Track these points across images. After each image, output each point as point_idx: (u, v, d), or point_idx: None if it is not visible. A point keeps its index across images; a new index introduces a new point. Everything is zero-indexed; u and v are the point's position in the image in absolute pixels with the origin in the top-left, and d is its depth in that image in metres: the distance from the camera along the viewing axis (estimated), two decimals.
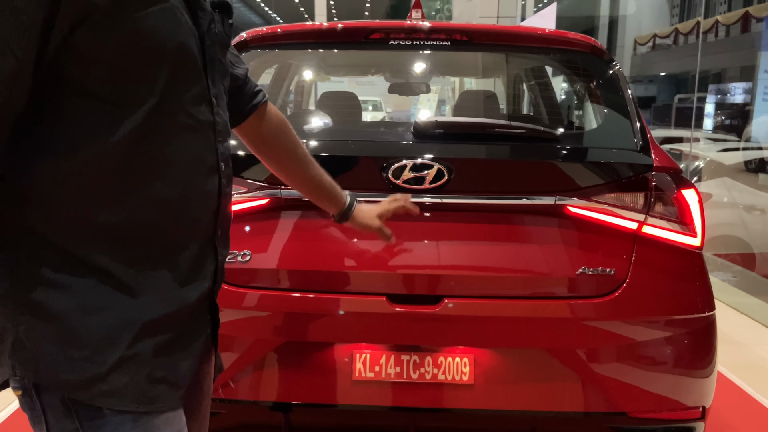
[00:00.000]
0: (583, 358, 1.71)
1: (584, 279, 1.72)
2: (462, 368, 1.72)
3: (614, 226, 1.76)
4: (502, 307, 1.71)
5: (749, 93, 19.69)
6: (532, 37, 2.08)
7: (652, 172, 1.80)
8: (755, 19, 19.63)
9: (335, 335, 1.74)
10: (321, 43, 2.12)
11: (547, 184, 1.76)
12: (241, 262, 1.74)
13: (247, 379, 1.74)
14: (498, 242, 1.76)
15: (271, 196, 1.75)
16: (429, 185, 1.72)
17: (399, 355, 1.73)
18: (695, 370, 1.80)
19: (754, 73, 14.65)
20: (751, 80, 18.27)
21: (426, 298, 1.71)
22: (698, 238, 1.82)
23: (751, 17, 20.62)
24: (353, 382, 1.73)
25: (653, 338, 1.74)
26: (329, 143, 1.85)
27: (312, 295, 1.72)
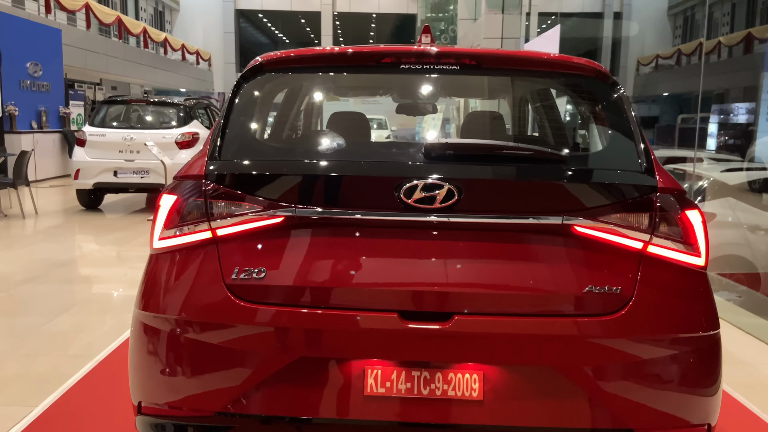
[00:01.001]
0: (590, 375, 1.74)
1: (591, 297, 1.76)
2: (471, 384, 1.75)
3: (620, 246, 1.80)
4: (510, 324, 1.74)
5: (752, 113, 19.76)
6: (538, 62, 2.14)
7: (656, 193, 1.85)
8: (758, 40, 19.72)
9: (347, 351, 1.77)
10: (333, 67, 2.18)
11: (555, 204, 1.81)
12: (256, 279, 1.79)
13: (261, 394, 1.78)
14: (507, 260, 1.80)
15: (285, 215, 1.80)
16: (440, 204, 1.77)
17: (410, 371, 1.76)
18: (701, 388, 1.83)
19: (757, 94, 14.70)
20: (754, 100, 18.34)
21: (437, 315, 1.75)
22: (702, 257, 1.86)
23: (753, 38, 20.71)
24: (365, 397, 1.76)
25: (659, 356, 1.78)
26: (343, 164, 1.91)
27: (325, 312, 1.77)
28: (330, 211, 1.80)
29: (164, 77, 25.24)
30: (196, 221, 1.85)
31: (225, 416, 1.80)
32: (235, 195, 1.85)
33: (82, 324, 4.29)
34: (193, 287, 1.83)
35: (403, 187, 1.77)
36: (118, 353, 3.60)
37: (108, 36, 21.39)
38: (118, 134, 8.98)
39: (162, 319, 1.84)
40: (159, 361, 1.85)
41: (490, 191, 1.82)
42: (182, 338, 1.82)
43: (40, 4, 16.63)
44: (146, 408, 1.89)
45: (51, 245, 7.15)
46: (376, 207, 1.80)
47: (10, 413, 2.85)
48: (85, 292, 5.32)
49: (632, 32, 25.65)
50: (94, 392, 3.08)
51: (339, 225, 1.81)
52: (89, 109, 16.91)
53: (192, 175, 1.91)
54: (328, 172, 1.86)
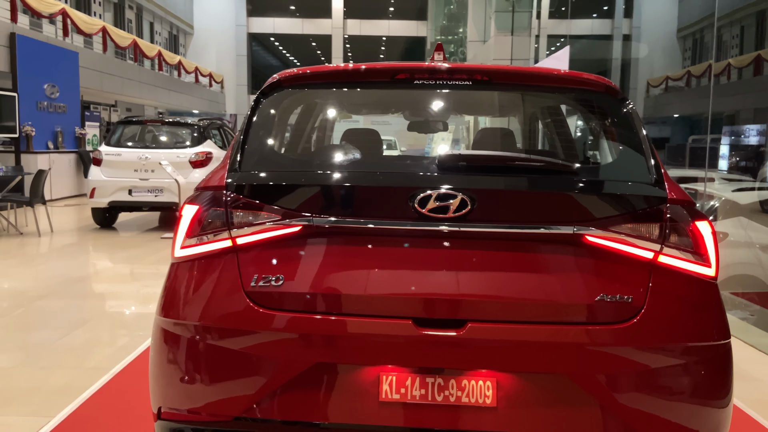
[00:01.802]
0: (601, 384, 1.77)
1: (602, 306, 1.79)
2: (485, 391, 1.78)
3: (631, 255, 1.83)
4: (523, 331, 1.78)
5: (763, 135, 19.74)
6: (549, 78, 2.20)
7: (666, 204, 1.88)
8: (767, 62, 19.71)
9: (363, 357, 1.81)
10: (349, 83, 2.25)
11: (566, 215, 1.85)
12: (275, 286, 1.84)
13: (278, 400, 1.81)
14: (519, 269, 1.84)
15: (303, 224, 1.85)
16: (453, 214, 1.81)
17: (424, 378, 1.79)
18: (712, 398, 1.84)
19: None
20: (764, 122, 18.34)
21: (450, 322, 1.78)
22: (713, 268, 1.89)
23: (763, 60, 20.73)
24: (380, 403, 1.79)
25: (670, 365, 1.80)
26: (359, 174, 1.96)
27: (341, 318, 1.80)
28: (346, 221, 1.85)
29: (178, 99, 25.61)
30: (216, 230, 1.91)
31: (243, 421, 1.84)
32: (254, 205, 1.90)
33: (97, 338, 4.34)
34: (213, 294, 1.88)
35: (418, 197, 1.82)
36: (132, 367, 3.65)
37: (124, 59, 21.78)
38: (134, 154, 9.13)
39: (182, 325, 1.89)
40: (179, 366, 1.90)
41: (503, 201, 1.87)
42: (202, 344, 1.87)
43: (57, 28, 17.00)
44: (166, 413, 1.93)
45: (66, 262, 7.24)
46: (391, 216, 1.84)
47: (26, 424, 2.90)
48: (99, 307, 5.38)
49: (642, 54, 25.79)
50: (109, 404, 3.12)
51: (355, 234, 1.86)
52: (104, 131, 17.17)
53: (213, 185, 1.97)
54: (344, 183, 1.91)
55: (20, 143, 12.90)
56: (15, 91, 12.92)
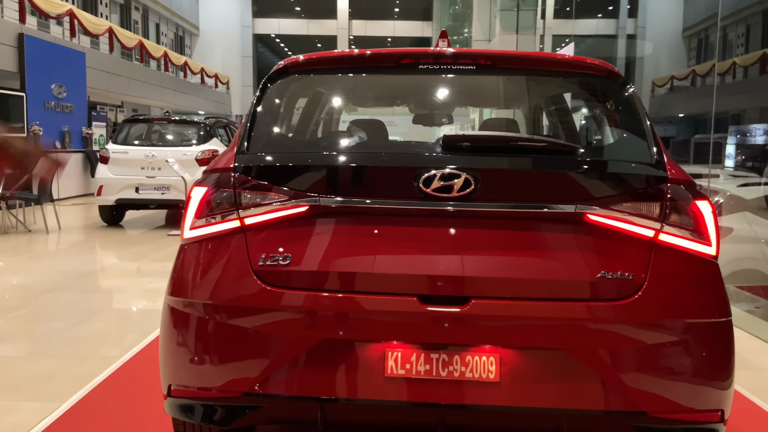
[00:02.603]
0: (603, 359, 1.80)
1: (604, 283, 1.82)
2: (488, 366, 1.81)
3: (632, 234, 1.86)
4: (526, 307, 1.81)
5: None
6: (552, 62, 2.23)
7: (667, 184, 1.91)
8: None
9: (369, 333, 1.84)
10: (354, 68, 2.29)
11: (568, 194, 1.88)
12: (282, 264, 1.87)
13: (286, 375, 1.85)
14: (522, 247, 1.87)
15: (310, 204, 1.89)
16: (457, 193, 1.85)
17: (429, 354, 1.82)
18: (714, 373, 1.87)
19: None
20: None
21: (454, 299, 1.82)
22: (713, 247, 1.91)
23: None
24: (385, 378, 1.83)
25: (671, 341, 1.82)
26: (365, 155, 2.00)
27: (347, 296, 1.84)
28: (352, 200, 1.89)
29: (184, 100, 25.73)
30: (225, 211, 1.95)
31: (252, 396, 1.87)
32: (262, 186, 1.94)
33: (105, 330, 4.39)
34: (222, 274, 1.92)
35: (422, 177, 1.85)
36: (141, 356, 3.69)
37: (130, 59, 21.90)
38: (140, 152, 9.19)
39: (192, 304, 1.92)
40: (188, 345, 1.93)
41: (506, 181, 1.90)
42: (211, 322, 1.90)
43: (64, 28, 17.12)
44: (176, 390, 1.96)
45: (74, 258, 7.30)
46: (397, 196, 1.88)
47: (38, 409, 2.94)
48: (107, 301, 5.43)
49: (646, 53, 25.74)
50: (118, 390, 3.16)
51: (361, 213, 1.90)
52: (111, 131, 17.27)
53: (221, 168, 2.01)
54: (350, 163, 1.95)
55: (28, 143, 12.98)
56: (23, 91, 13.02)
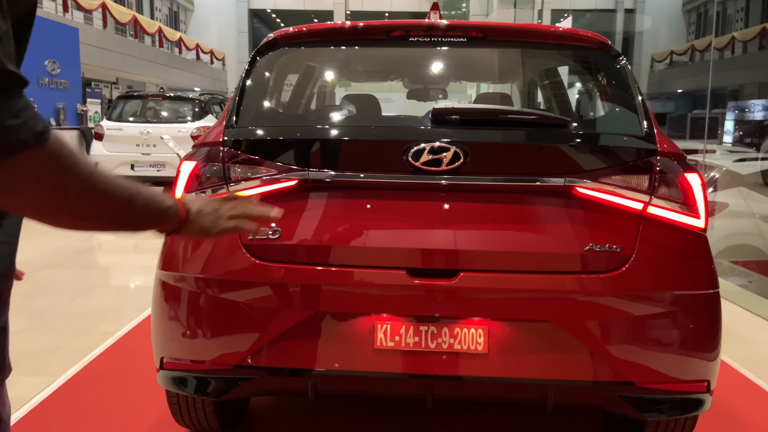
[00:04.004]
0: (591, 330, 1.81)
1: (592, 255, 1.83)
2: (477, 338, 1.83)
3: (620, 206, 1.87)
4: (514, 280, 1.82)
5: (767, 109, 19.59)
6: (544, 34, 2.22)
7: (656, 157, 1.91)
8: None
9: (359, 306, 1.86)
10: (344, 41, 2.27)
11: (557, 167, 1.88)
12: (272, 238, 1.88)
13: (277, 348, 1.86)
14: (510, 220, 1.87)
15: (299, 178, 1.89)
16: (446, 167, 1.85)
17: (418, 326, 1.84)
18: (700, 345, 1.89)
19: None
20: None
21: (443, 272, 1.83)
22: (702, 219, 1.92)
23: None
24: (375, 350, 1.84)
25: (659, 312, 1.84)
26: (354, 129, 1.99)
27: (337, 269, 1.85)
28: (341, 174, 1.89)
29: (179, 76, 25.51)
30: (214, 185, 1.95)
31: (243, 369, 1.89)
32: (251, 160, 1.94)
33: (104, 305, 4.41)
34: (212, 248, 1.92)
35: (411, 150, 1.85)
36: (138, 329, 3.72)
37: (124, 35, 21.66)
38: (135, 128, 9.14)
39: (182, 278, 1.93)
40: (179, 318, 1.95)
41: (495, 154, 1.90)
42: (202, 296, 1.91)
43: (57, 3, 16.90)
44: (168, 363, 1.98)
45: (69, 235, 7.30)
46: (386, 170, 1.88)
47: (38, 383, 2.97)
48: (103, 277, 5.45)
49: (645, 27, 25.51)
50: (113, 365, 3.19)
51: (350, 187, 1.90)
52: (106, 108, 17.16)
53: (210, 141, 2.00)
54: (340, 137, 1.95)
55: None
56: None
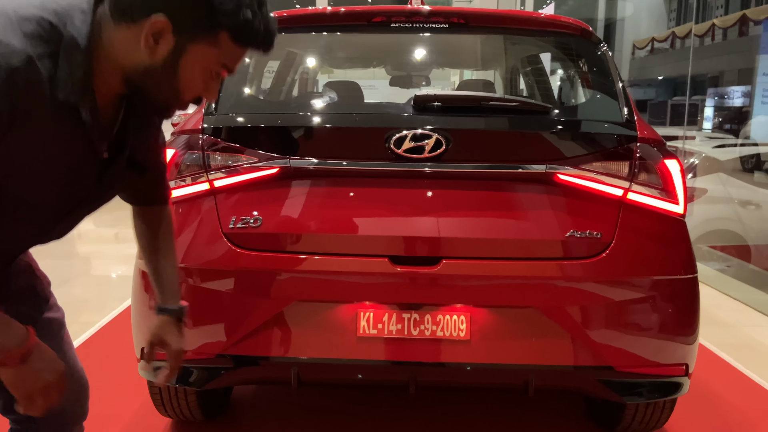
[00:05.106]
0: (571, 316, 1.83)
1: (573, 241, 1.84)
2: (459, 325, 1.84)
3: (601, 193, 1.88)
4: (495, 267, 1.83)
5: (747, 96, 19.80)
6: (525, 20, 2.21)
7: (636, 143, 1.92)
8: (753, 22, 19.67)
9: (341, 295, 1.86)
10: (325, 27, 2.24)
11: (538, 154, 1.88)
12: (253, 227, 1.87)
13: (260, 337, 1.86)
14: (492, 207, 1.88)
15: (280, 166, 1.87)
16: (428, 154, 1.84)
17: (400, 314, 1.85)
18: (679, 329, 1.92)
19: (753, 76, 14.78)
20: (748, 83, 18.41)
21: (425, 260, 1.83)
22: (680, 205, 1.94)
23: (748, 20, 20.67)
24: (358, 338, 1.85)
25: (638, 297, 1.86)
26: (335, 116, 1.98)
27: (319, 258, 1.84)
28: (323, 162, 1.88)
29: None
30: (194, 173, 1.93)
31: (226, 358, 1.89)
32: (231, 147, 1.92)
33: (83, 295, 4.37)
34: (193, 236, 1.91)
35: (393, 138, 1.84)
36: (119, 320, 3.69)
37: None
38: None
39: None
40: None
41: (477, 141, 1.90)
42: (182, 285, 1.89)
43: None
44: None
45: None
46: (367, 157, 1.87)
47: None
48: (84, 266, 5.39)
49: (627, 13, 25.58)
50: (93, 354, 3.16)
51: (331, 175, 1.89)
52: None
53: (189, 129, 1.98)
54: (321, 124, 1.93)
55: None
56: None
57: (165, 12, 1.01)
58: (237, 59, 1.13)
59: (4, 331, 1.06)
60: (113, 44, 1.05)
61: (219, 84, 1.18)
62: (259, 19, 1.07)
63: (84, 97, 1.04)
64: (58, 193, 1.15)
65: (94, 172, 1.17)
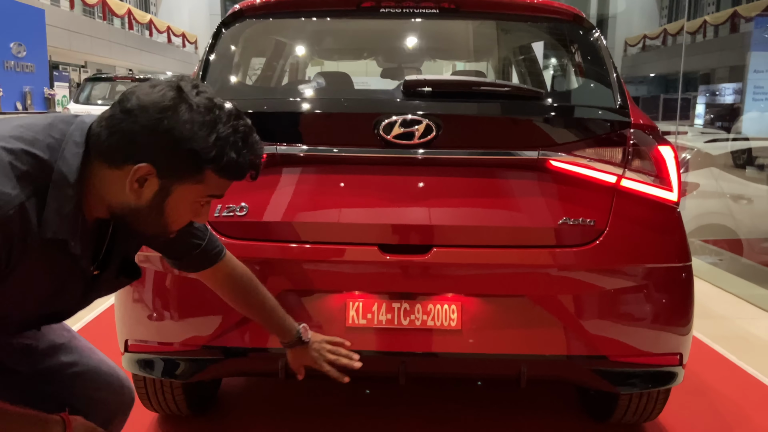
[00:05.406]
0: (564, 305, 1.80)
1: (565, 229, 1.81)
2: (450, 315, 1.80)
3: (594, 180, 1.84)
4: (487, 255, 1.79)
5: (738, 93, 19.85)
6: (517, 6, 2.17)
7: (630, 129, 1.89)
8: (744, 19, 19.71)
9: (330, 284, 1.81)
10: (313, 12, 2.20)
11: (531, 140, 1.85)
12: (239, 215, 1.82)
13: (246, 327, 1.81)
14: (483, 194, 1.84)
15: (268, 153, 1.82)
16: (418, 140, 1.80)
17: (390, 303, 1.81)
18: (672, 318, 1.89)
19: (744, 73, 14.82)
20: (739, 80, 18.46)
21: (416, 248, 1.79)
22: (674, 192, 1.90)
23: (740, 17, 20.70)
24: (347, 328, 1.81)
25: (632, 285, 1.83)
26: (324, 102, 1.93)
27: (307, 246, 1.80)
28: (311, 149, 1.83)
29: (150, 59, 24.99)
30: None
31: (212, 349, 1.84)
32: None
33: None
34: None
35: (382, 123, 1.80)
36: (105, 315, 3.63)
37: (92, 17, 21.13)
38: None
39: (147, 258, 1.86)
40: (144, 299, 1.89)
41: (468, 127, 1.86)
42: (168, 276, 1.85)
43: None
44: (133, 346, 1.92)
45: None
46: (356, 143, 1.83)
47: None
48: None
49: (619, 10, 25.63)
50: None
51: (320, 162, 1.85)
52: (74, 91, 16.76)
53: None
54: (309, 110, 1.89)
55: None
56: None
57: (149, 161, 1.03)
58: (224, 188, 1.15)
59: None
60: (101, 181, 1.07)
61: (209, 208, 1.19)
62: (244, 155, 1.09)
63: (72, 231, 1.06)
64: (40, 308, 1.19)
65: (81, 288, 1.21)
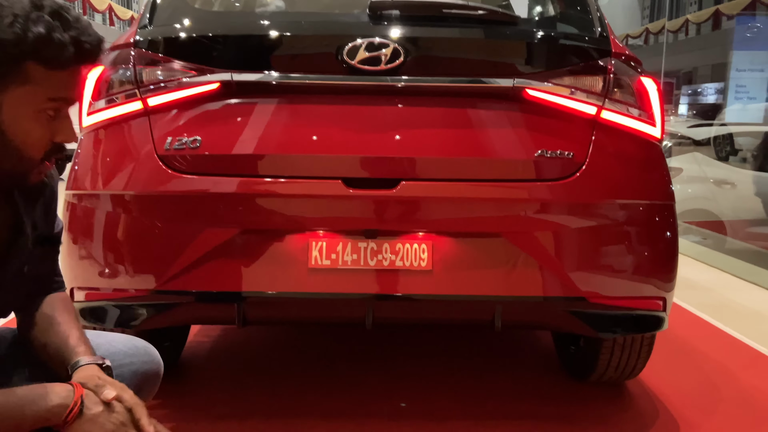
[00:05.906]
0: (540, 243, 1.68)
1: (542, 162, 1.69)
2: (420, 254, 1.68)
3: (572, 111, 1.73)
4: (459, 189, 1.67)
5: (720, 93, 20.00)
6: None
7: (611, 59, 1.78)
8: (726, 17, 19.87)
9: (290, 222, 1.68)
10: None
11: (506, 67, 1.73)
12: (191, 148, 1.68)
13: (199, 270, 1.67)
14: (455, 124, 1.72)
15: (221, 81, 1.69)
16: (385, 66, 1.67)
17: (356, 243, 1.68)
18: (655, 259, 1.77)
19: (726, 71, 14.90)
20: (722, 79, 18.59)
21: (382, 182, 1.66)
22: (657, 127, 1.80)
23: (722, 15, 20.87)
24: (309, 270, 1.67)
25: (611, 223, 1.71)
26: (282, 24, 1.80)
27: (265, 181, 1.67)
28: (268, 75, 1.70)
29: None
30: (124, 92, 1.73)
31: (162, 294, 1.70)
32: (166, 62, 1.73)
33: None
34: (124, 160, 1.72)
35: (346, 47, 1.67)
36: None
37: None
38: None
39: (93, 196, 1.73)
40: (92, 241, 1.74)
41: (439, 52, 1.74)
42: (114, 215, 1.71)
43: None
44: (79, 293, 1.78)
45: None
46: (318, 69, 1.70)
47: None
48: None
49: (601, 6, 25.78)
50: None
51: (278, 90, 1.71)
52: None
53: (120, 44, 1.79)
54: (266, 33, 1.76)
55: None
56: None
57: None
58: (68, 86, 0.97)
59: (43, 399, 0.95)
60: None
61: (68, 121, 0.99)
62: (58, 29, 0.91)
63: None
64: None
65: None
